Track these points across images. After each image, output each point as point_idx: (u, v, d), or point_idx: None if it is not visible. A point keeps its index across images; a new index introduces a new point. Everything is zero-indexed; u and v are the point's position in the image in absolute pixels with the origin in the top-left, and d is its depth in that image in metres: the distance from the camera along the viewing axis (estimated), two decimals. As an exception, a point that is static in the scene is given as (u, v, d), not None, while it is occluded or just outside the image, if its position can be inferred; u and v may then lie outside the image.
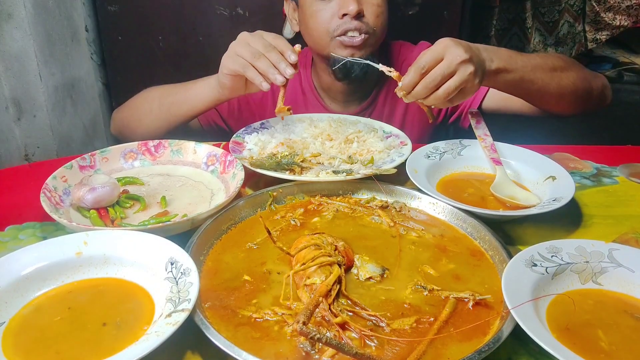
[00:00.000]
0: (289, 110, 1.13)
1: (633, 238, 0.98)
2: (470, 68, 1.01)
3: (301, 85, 1.57)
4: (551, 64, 1.23)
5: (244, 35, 1.16)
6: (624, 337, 0.71)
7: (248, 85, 1.23)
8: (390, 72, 1.06)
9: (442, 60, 1.00)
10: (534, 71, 1.17)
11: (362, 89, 1.50)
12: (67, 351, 0.68)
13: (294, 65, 1.10)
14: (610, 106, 1.39)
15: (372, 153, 1.18)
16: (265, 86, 1.12)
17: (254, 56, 1.11)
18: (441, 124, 1.57)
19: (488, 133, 1.23)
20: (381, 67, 1.08)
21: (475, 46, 1.09)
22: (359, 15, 1.32)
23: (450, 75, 1.00)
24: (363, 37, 1.33)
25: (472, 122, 1.30)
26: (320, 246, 0.82)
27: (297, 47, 1.13)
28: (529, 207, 0.99)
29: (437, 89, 1.01)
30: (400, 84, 1.02)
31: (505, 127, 1.36)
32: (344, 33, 1.33)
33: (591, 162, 1.28)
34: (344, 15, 1.32)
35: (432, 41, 1.07)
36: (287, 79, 1.10)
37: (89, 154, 1.13)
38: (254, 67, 1.11)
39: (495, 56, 1.11)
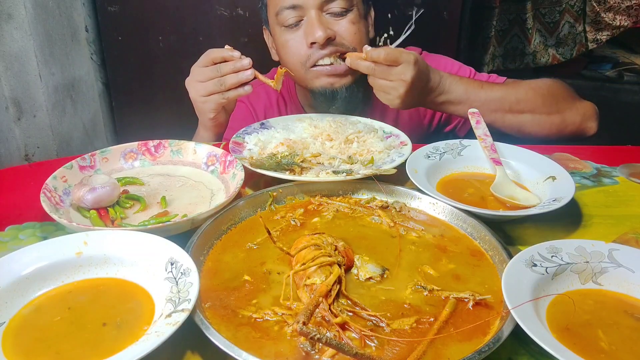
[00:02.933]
0: (281, 74, 1.20)
1: (633, 238, 0.98)
2: (401, 89, 1.16)
3: (286, 107, 1.55)
4: (514, 100, 1.29)
5: (190, 81, 1.24)
6: (624, 337, 0.71)
7: (226, 108, 1.31)
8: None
9: (397, 66, 1.14)
10: (484, 105, 1.27)
11: (350, 105, 1.48)
12: (67, 351, 0.68)
13: (241, 57, 1.18)
14: (610, 107, 1.39)
15: (372, 153, 1.18)
16: (248, 89, 1.19)
17: (218, 83, 1.19)
18: (433, 132, 1.56)
19: (488, 133, 1.23)
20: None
21: (435, 76, 1.19)
22: (329, 41, 1.29)
23: (386, 78, 1.16)
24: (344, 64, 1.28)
25: (472, 122, 1.30)
26: (320, 246, 0.82)
27: (227, 47, 1.21)
28: (529, 207, 0.99)
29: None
30: (368, 48, 1.17)
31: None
32: (316, 62, 1.31)
33: (591, 162, 1.28)
34: (313, 43, 1.29)
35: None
36: (252, 67, 1.18)
37: (89, 154, 1.13)
38: (226, 90, 1.19)
39: (447, 89, 1.23)
